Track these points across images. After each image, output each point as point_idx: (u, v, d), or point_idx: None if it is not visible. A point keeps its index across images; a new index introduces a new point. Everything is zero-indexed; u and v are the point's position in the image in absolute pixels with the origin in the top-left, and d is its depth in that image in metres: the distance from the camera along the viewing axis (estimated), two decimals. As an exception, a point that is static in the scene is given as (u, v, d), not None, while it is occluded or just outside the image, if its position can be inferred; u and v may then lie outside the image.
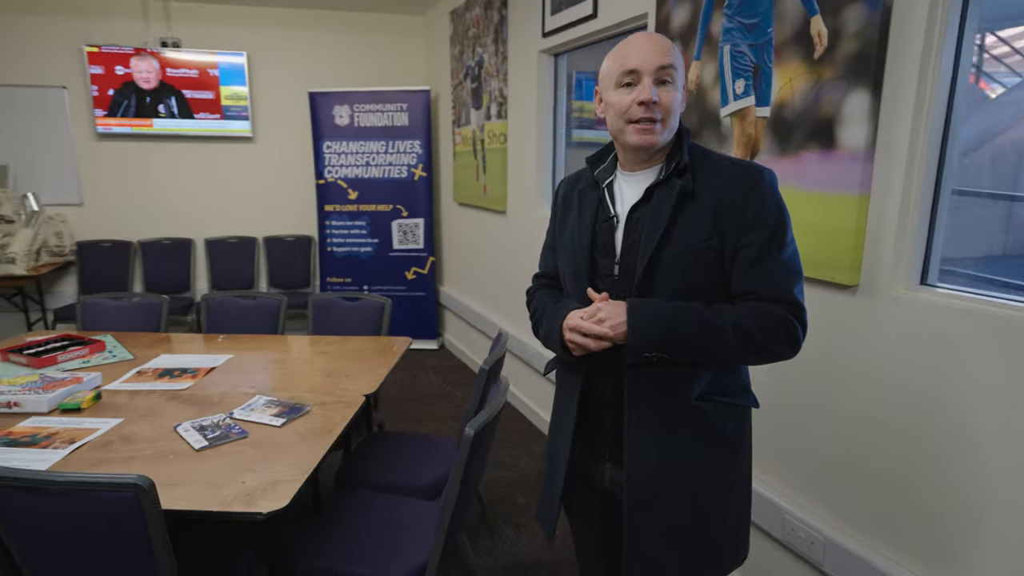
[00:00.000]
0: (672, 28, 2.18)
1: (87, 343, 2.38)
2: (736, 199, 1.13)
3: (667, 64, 1.12)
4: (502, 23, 3.54)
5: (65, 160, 4.43)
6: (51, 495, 1.19)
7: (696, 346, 1.11)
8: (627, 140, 1.16)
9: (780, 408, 1.87)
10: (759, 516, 1.90)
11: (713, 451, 1.21)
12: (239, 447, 1.61)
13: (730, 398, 1.22)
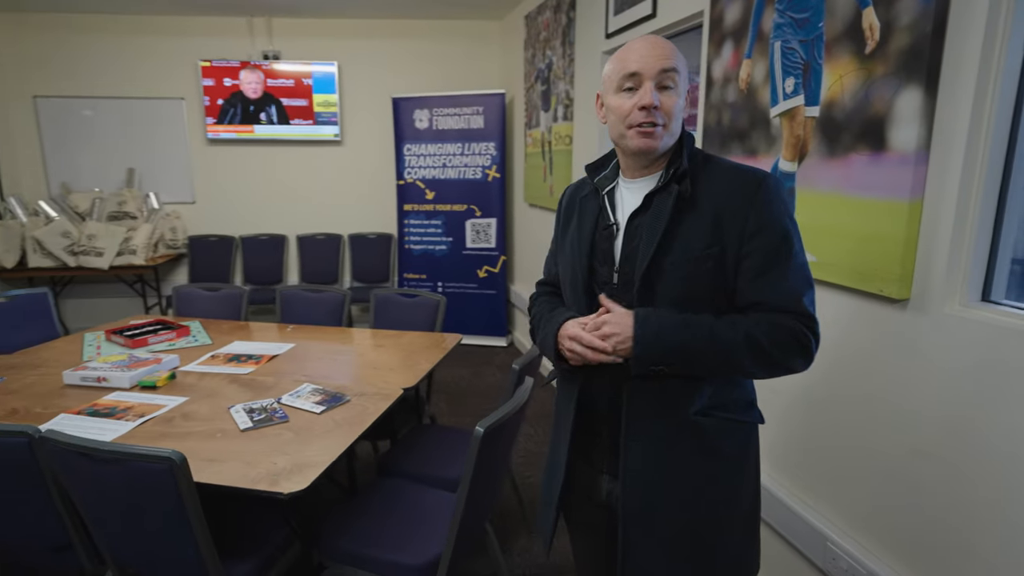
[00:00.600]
0: (725, 25, 2.11)
1: (175, 328, 2.64)
2: (737, 205, 1.10)
3: (669, 68, 1.10)
4: (569, 25, 3.54)
5: (181, 163, 4.89)
6: (102, 461, 1.35)
7: (707, 360, 1.09)
8: (628, 145, 1.15)
9: (824, 428, 1.77)
10: (800, 540, 1.81)
11: (713, 467, 1.18)
12: (279, 430, 1.74)
13: (732, 414, 1.18)
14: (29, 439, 1.43)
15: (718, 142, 2.18)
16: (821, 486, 1.80)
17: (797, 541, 1.83)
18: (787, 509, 1.86)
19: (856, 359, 1.65)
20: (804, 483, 1.85)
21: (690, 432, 1.15)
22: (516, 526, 2.49)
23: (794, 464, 1.91)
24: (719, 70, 2.16)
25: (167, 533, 1.43)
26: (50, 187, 4.70)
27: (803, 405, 1.85)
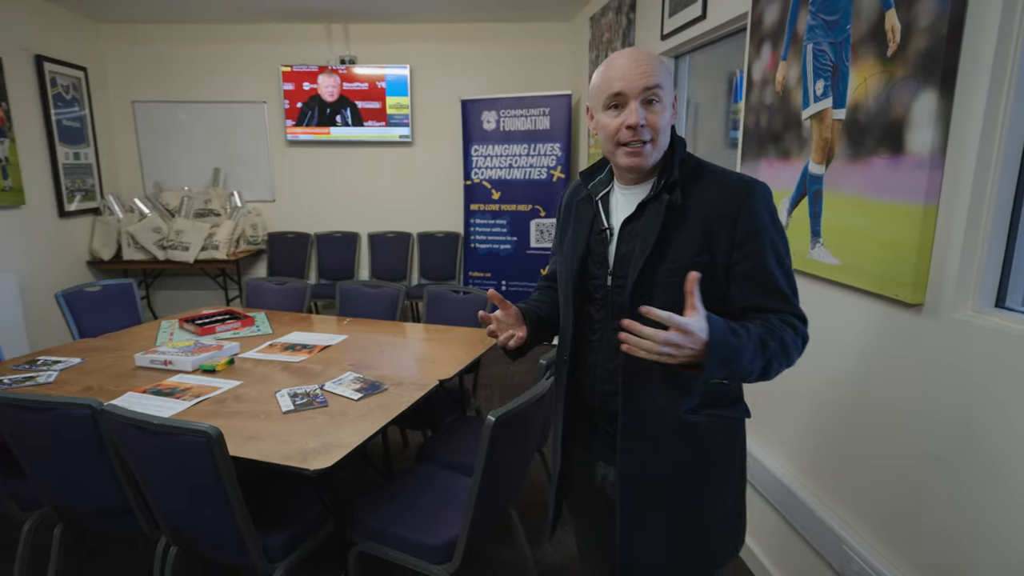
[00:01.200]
0: (764, 27, 2.09)
1: (241, 318, 2.87)
2: (726, 214, 1.13)
3: (652, 84, 1.12)
4: (629, 27, 3.55)
5: (262, 163, 5.24)
6: (151, 434, 1.53)
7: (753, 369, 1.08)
8: (619, 162, 1.19)
9: (841, 430, 1.74)
10: (817, 541, 1.79)
11: (704, 463, 1.22)
12: (317, 414, 1.88)
13: (720, 410, 1.22)
14: (92, 411, 1.63)
15: (756, 144, 2.16)
16: (838, 487, 1.77)
17: (815, 542, 1.81)
18: (807, 510, 1.84)
19: (872, 362, 1.62)
20: (823, 484, 1.83)
21: (682, 430, 1.19)
22: (548, 520, 2.55)
23: (814, 465, 1.89)
24: (758, 72, 2.13)
25: (208, 501, 1.60)
26: (145, 186, 5.16)
27: (823, 408, 1.82)
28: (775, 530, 2.08)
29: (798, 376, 1.93)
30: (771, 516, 2.10)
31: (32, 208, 4.06)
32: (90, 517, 1.88)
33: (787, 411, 2.02)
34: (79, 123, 4.54)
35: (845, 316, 1.72)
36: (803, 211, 1.87)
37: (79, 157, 4.52)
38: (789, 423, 2.01)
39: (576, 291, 1.27)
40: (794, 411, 1.99)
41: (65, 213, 4.36)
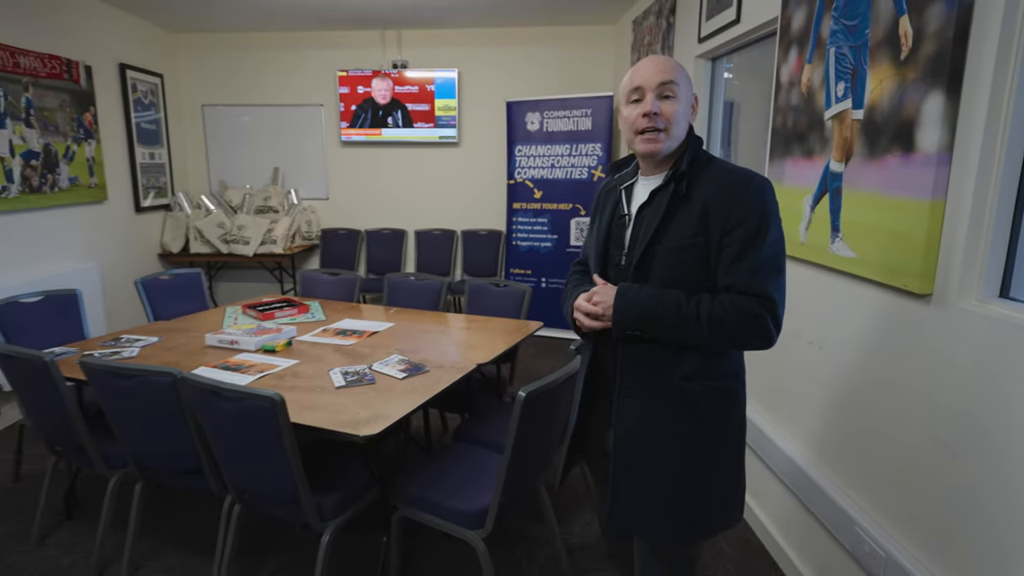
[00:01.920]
0: (791, 32, 2.17)
1: (297, 306, 3.10)
2: (722, 203, 1.26)
3: (668, 80, 1.28)
4: (669, 30, 3.65)
5: (318, 163, 5.52)
6: (224, 398, 1.74)
7: (669, 329, 1.26)
8: (636, 149, 1.35)
9: (857, 417, 1.82)
10: (831, 523, 1.87)
11: (695, 429, 1.34)
12: (365, 390, 2.07)
13: (715, 382, 1.33)
14: (173, 379, 1.86)
15: (783, 143, 2.24)
16: (851, 470, 1.86)
17: (829, 524, 1.89)
18: (822, 493, 1.93)
19: (884, 350, 1.70)
20: (836, 467, 1.91)
21: (675, 395, 1.33)
22: (581, 500, 2.68)
23: (828, 450, 1.97)
24: (786, 74, 2.22)
25: (270, 462, 1.80)
26: (210, 183, 5.52)
27: (841, 396, 1.90)
28: (792, 512, 2.16)
29: (816, 365, 2.02)
30: (788, 499, 2.18)
31: (113, 204, 4.42)
32: (166, 475, 2.11)
33: (805, 399, 2.10)
34: (155, 125, 4.91)
35: (860, 307, 1.80)
36: (824, 207, 1.96)
37: (154, 157, 4.89)
38: (806, 410, 2.10)
39: (600, 272, 1.42)
40: (811, 398, 2.07)
41: (141, 209, 4.73)
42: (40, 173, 3.58)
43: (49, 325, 2.75)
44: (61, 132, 3.77)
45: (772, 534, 2.30)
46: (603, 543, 2.39)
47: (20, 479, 2.81)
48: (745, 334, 1.23)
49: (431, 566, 2.24)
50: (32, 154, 3.52)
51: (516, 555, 2.31)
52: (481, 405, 2.78)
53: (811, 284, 2.07)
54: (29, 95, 3.50)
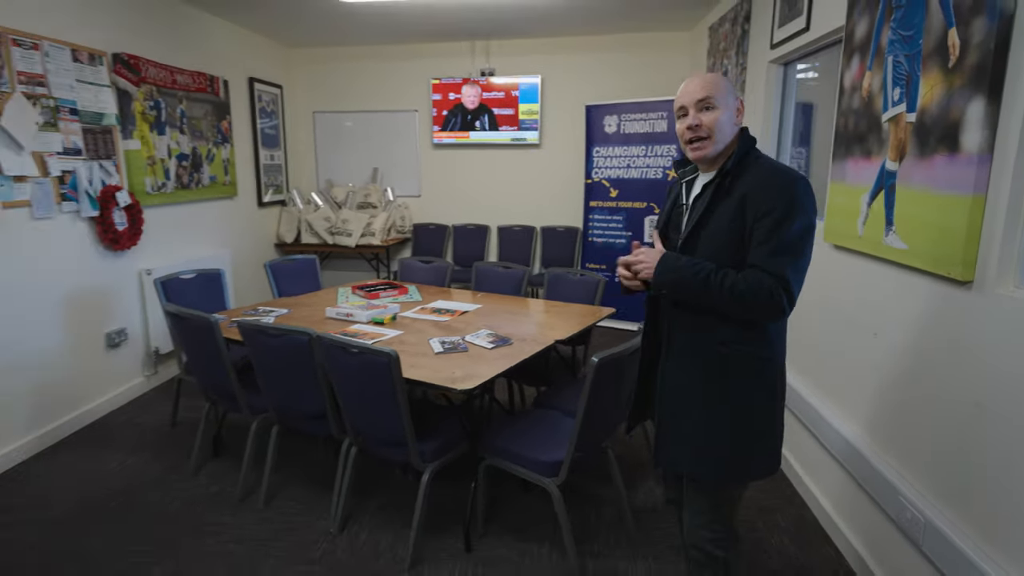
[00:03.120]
0: (854, 40, 2.35)
1: (398, 288, 3.51)
2: (758, 195, 1.48)
3: (704, 96, 1.54)
4: (743, 37, 3.82)
5: (411, 163, 6.00)
6: (351, 354, 2.13)
7: (695, 293, 1.50)
8: (688, 155, 1.62)
9: (900, 393, 2.00)
10: (877, 492, 2.06)
11: (730, 386, 1.56)
12: (460, 356, 2.42)
13: (749, 347, 1.54)
14: (309, 337, 2.27)
15: (845, 145, 2.42)
16: (895, 443, 2.03)
17: (876, 495, 2.07)
18: (868, 464, 2.11)
19: (932, 334, 1.87)
20: (886, 444, 2.08)
21: (714, 357, 1.56)
22: (647, 469, 2.94)
23: (880, 428, 2.15)
24: (848, 80, 2.40)
25: (383, 409, 2.17)
26: (319, 182, 6.11)
27: (892, 377, 2.08)
28: (843, 487, 2.35)
29: (871, 350, 2.20)
30: (840, 475, 2.36)
31: (241, 199, 5.05)
32: (298, 420, 2.54)
33: (860, 382, 2.28)
34: (274, 131, 5.52)
35: (910, 294, 1.98)
36: (880, 203, 2.14)
37: (273, 159, 5.50)
38: (860, 392, 2.27)
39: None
40: (865, 381, 2.25)
41: (262, 204, 5.35)
42: (189, 172, 4.19)
43: (200, 296, 3.30)
44: (204, 137, 4.38)
45: (825, 508, 2.48)
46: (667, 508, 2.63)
47: (176, 425, 3.38)
48: (758, 306, 1.44)
49: (512, 513, 2.56)
50: (184, 156, 4.13)
51: (585, 511, 2.60)
52: (558, 380, 3.08)
53: (867, 274, 2.25)
54: (183, 107, 4.12)
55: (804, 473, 2.74)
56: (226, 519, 2.51)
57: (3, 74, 2.79)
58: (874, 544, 2.14)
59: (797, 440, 2.81)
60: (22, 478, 2.83)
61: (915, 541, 1.86)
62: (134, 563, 2.24)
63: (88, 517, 2.52)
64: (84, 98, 3.26)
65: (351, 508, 2.59)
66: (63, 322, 3.24)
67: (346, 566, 2.23)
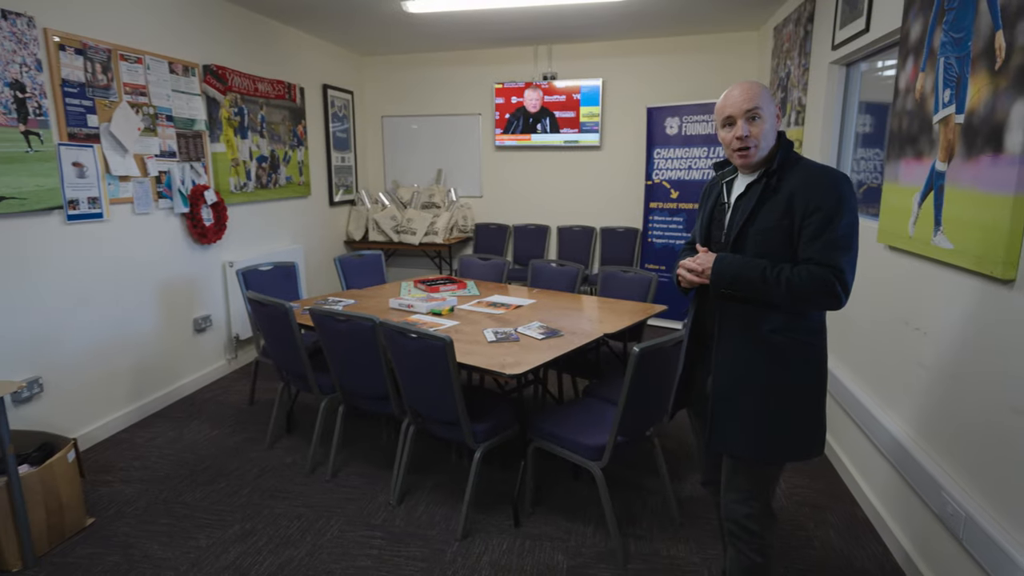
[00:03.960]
0: (909, 42, 2.37)
1: (457, 282, 3.70)
2: (805, 192, 1.58)
3: (752, 107, 1.62)
4: (806, 37, 3.82)
5: (474, 165, 6.21)
6: (411, 339, 2.31)
7: (755, 289, 1.59)
8: (733, 162, 1.71)
9: (944, 390, 2.02)
10: (921, 487, 2.08)
11: (779, 371, 1.65)
12: (511, 345, 2.57)
13: (798, 336, 1.64)
14: (373, 323, 2.47)
15: (898, 146, 2.43)
16: (940, 439, 2.05)
17: (920, 489, 2.09)
18: (913, 460, 2.13)
19: (976, 332, 1.89)
20: (932, 440, 2.10)
21: (764, 344, 1.65)
22: (692, 461, 3.01)
23: (925, 424, 2.16)
24: (903, 82, 2.41)
25: (439, 391, 2.35)
26: (386, 182, 6.41)
27: (938, 374, 2.09)
28: (889, 479, 2.36)
29: (919, 348, 2.21)
30: (884, 467, 2.38)
31: (313, 199, 5.38)
32: (362, 400, 2.76)
33: (908, 379, 2.29)
34: (345, 134, 5.85)
35: (956, 293, 1.99)
36: (929, 204, 2.15)
37: (344, 160, 5.83)
38: (908, 389, 2.29)
39: (704, 248, 1.78)
40: (913, 378, 2.26)
41: (333, 203, 5.68)
42: (267, 173, 4.53)
43: (277, 287, 3.59)
44: (282, 141, 4.72)
45: (874, 504, 2.49)
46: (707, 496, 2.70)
47: (254, 403, 3.68)
48: (817, 296, 1.53)
49: (560, 497, 2.69)
50: (263, 158, 4.47)
51: (632, 499, 2.70)
52: (608, 373, 3.19)
53: (916, 274, 2.26)
54: (263, 112, 4.46)
55: (853, 468, 2.75)
56: (297, 487, 2.75)
57: (112, 86, 3.14)
58: (919, 539, 2.15)
59: (847, 435, 2.83)
60: (125, 443, 3.17)
61: (956, 535, 1.88)
62: (217, 518, 2.51)
63: (180, 477, 2.83)
64: (178, 105, 3.61)
65: (409, 484, 2.79)
66: (158, 307, 3.60)
67: (404, 532, 2.42)
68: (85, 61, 2.97)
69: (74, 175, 2.92)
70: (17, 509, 2.13)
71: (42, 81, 2.75)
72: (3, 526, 2.12)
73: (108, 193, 3.14)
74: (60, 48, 2.84)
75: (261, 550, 2.31)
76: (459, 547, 2.34)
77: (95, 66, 3.03)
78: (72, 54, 2.90)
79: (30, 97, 2.68)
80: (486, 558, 2.28)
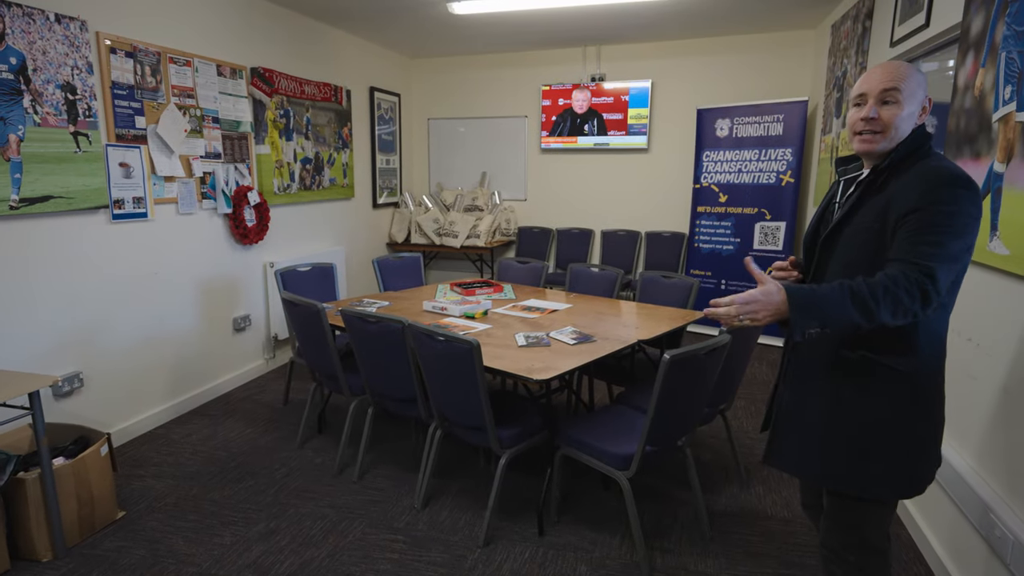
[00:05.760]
0: (970, 37, 2.21)
1: (493, 286, 3.68)
2: (907, 192, 1.33)
3: (890, 87, 1.37)
4: (864, 35, 3.64)
5: (519, 168, 6.18)
6: (438, 341, 2.30)
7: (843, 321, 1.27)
8: (854, 147, 1.49)
9: (995, 406, 1.86)
10: (968, 507, 1.93)
11: (849, 394, 1.43)
12: (542, 350, 2.52)
13: (878, 356, 1.39)
14: (402, 325, 2.47)
15: (955, 145, 2.28)
16: (989, 458, 1.90)
17: (966, 508, 1.95)
18: (960, 479, 1.98)
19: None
20: (982, 458, 1.94)
21: (835, 361, 1.46)
22: (731, 473, 2.88)
23: (970, 435, 2.00)
24: (962, 79, 2.26)
25: (465, 395, 2.32)
26: (430, 185, 6.46)
27: (990, 388, 1.94)
28: (932, 498, 2.20)
29: (972, 361, 2.05)
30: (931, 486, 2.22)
31: (357, 201, 5.47)
32: (390, 402, 2.76)
33: (959, 393, 2.13)
34: (391, 137, 5.92)
35: (1012, 303, 1.84)
36: (986, 207, 2.00)
37: (388, 163, 5.90)
38: (958, 404, 2.13)
39: (807, 249, 1.64)
40: (964, 392, 2.11)
41: (377, 205, 5.76)
42: (311, 175, 4.63)
43: (314, 288, 3.65)
44: (327, 143, 4.81)
45: (919, 524, 2.33)
46: (739, 512, 2.58)
47: (288, 403, 3.75)
48: (899, 301, 1.24)
49: (588, 508, 2.62)
50: (307, 160, 4.57)
51: (662, 511, 2.61)
52: (642, 381, 3.10)
53: (969, 282, 2.11)
54: (308, 115, 4.56)
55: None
56: (323, 488, 2.77)
57: (160, 88, 3.26)
58: (965, 564, 1.99)
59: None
60: (161, 439, 3.27)
61: (1003, 559, 1.73)
62: (243, 516, 2.55)
63: (210, 475, 2.89)
64: (225, 108, 3.72)
65: (435, 488, 2.77)
66: (198, 305, 3.71)
67: (426, 537, 2.40)
68: (135, 64, 3.09)
69: (120, 175, 3.03)
70: (49, 501, 2.20)
71: (92, 83, 2.87)
72: (35, 517, 2.20)
73: (153, 193, 3.25)
74: (111, 51, 2.97)
75: (283, 550, 2.33)
76: (480, 554, 2.31)
77: (144, 68, 3.15)
78: (123, 57, 3.02)
79: (80, 99, 2.80)
80: (507, 566, 2.24)
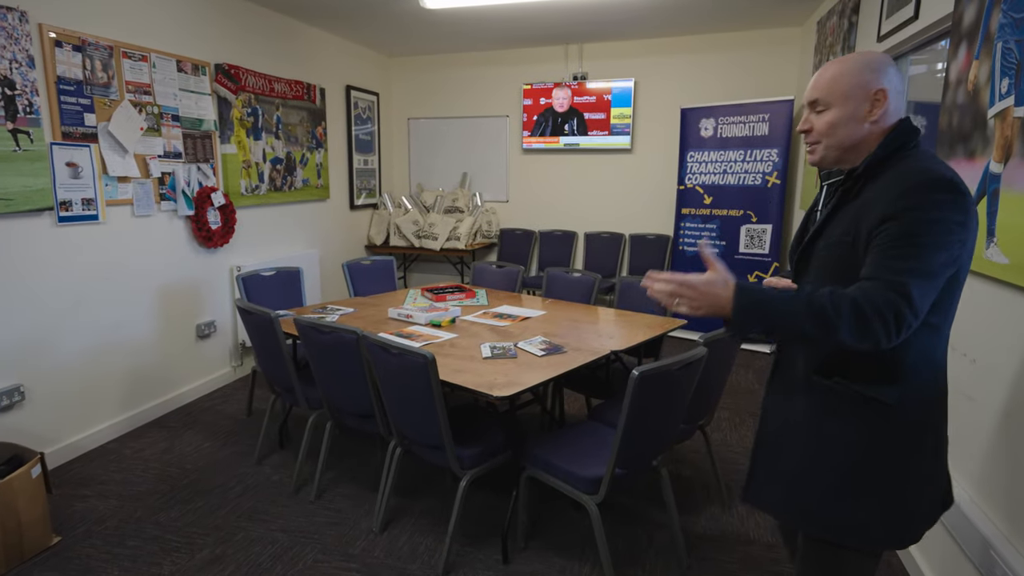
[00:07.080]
0: (963, 27, 2.07)
1: (466, 291, 3.51)
2: (883, 198, 1.17)
3: (811, 99, 1.30)
4: (850, 30, 3.50)
5: (500, 168, 6.02)
6: (392, 354, 2.13)
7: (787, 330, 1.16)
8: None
9: (995, 429, 1.71)
10: (968, 544, 1.78)
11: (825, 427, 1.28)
12: (507, 363, 2.36)
13: (851, 382, 1.24)
14: (357, 336, 2.30)
15: (947, 144, 2.13)
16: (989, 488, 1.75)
17: (964, 543, 1.80)
18: (959, 512, 1.83)
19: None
20: (975, 484, 1.79)
21: (809, 388, 1.30)
22: (714, 494, 2.73)
23: (965, 461, 1.85)
24: (954, 72, 2.11)
25: (422, 412, 2.16)
26: (410, 186, 6.28)
27: (987, 409, 1.80)
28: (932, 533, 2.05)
29: (966, 378, 1.91)
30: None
31: (333, 202, 5.29)
32: (348, 416, 2.59)
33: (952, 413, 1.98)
34: (369, 136, 5.75)
35: (1010, 315, 1.69)
36: (981, 211, 1.85)
37: (367, 163, 5.73)
38: (952, 425, 1.98)
39: (789, 258, 1.50)
40: (957, 412, 1.95)
41: (354, 207, 5.58)
42: (282, 175, 4.45)
43: (278, 294, 3.47)
44: (299, 143, 4.63)
45: (914, 556, 2.18)
46: (730, 537, 2.43)
47: (252, 414, 3.57)
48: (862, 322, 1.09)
49: (558, 531, 2.46)
50: (278, 160, 4.39)
51: (638, 534, 2.45)
52: (618, 393, 2.94)
53: (965, 293, 1.95)
54: (279, 113, 4.38)
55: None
56: (278, 509, 2.59)
57: (113, 84, 3.08)
58: (961, 607, 1.85)
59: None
60: (112, 454, 3.09)
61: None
62: (187, 541, 2.37)
63: (159, 494, 2.71)
64: (186, 105, 3.54)
65: (396, 509, 2.60)
66: (157, 312, 3.52)
67: (382, 565, 2.23)
68: (84, 58, 2.91)
69: (67, 175, 2.85)
70: (-30, 528, 2.03)
71: (34, 78, 2.68)
72: (-45, 545, 2.02)
73: (105, 194, 3.07)
74: (56, 44, 2.79)
75: (225, 579, 2.16)
76: (439, 584, 2.14)
77: (95, 63, 2.97)
78: (69, 51, 2.84)
79: (20, 94, 2.62)
80: (467, 598, 2.07)
